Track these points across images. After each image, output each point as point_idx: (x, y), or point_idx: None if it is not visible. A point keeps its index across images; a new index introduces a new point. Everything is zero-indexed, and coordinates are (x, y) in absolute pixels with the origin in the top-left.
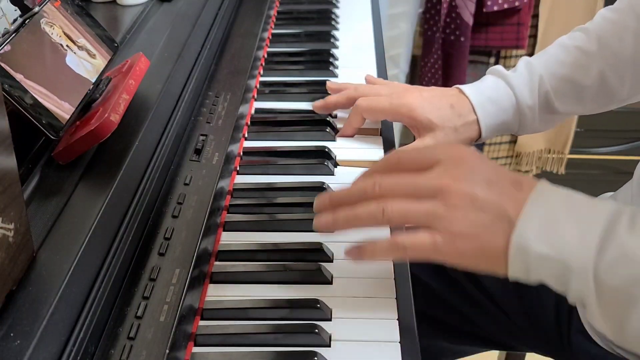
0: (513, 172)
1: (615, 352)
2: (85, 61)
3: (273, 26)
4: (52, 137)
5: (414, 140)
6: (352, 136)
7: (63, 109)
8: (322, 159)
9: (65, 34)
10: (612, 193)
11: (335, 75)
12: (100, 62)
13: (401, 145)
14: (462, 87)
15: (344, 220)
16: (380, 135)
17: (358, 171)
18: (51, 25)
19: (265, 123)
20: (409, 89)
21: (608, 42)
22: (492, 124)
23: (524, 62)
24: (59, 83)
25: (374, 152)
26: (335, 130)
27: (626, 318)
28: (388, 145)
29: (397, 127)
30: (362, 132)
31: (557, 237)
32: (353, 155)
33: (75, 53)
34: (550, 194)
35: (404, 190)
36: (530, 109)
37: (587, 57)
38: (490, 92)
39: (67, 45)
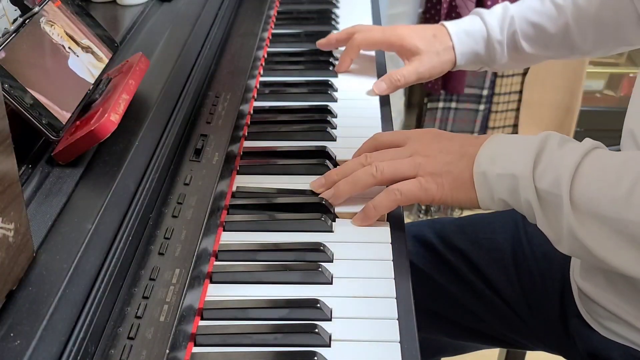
0: (462, 139)
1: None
2: (85, 60)
3: (273, 26)
4: (52, 137)
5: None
6: (347, 70)
7: (63, 109)
8: (322, 159)
9: (66, 33)
10: None
11: (335, 75)
12: (100, 62)
13: None
14: (444, 22)
15: (345, 186)
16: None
17: None
18: (51, 25)
19: (265, 123)
20: (396, 25)
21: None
22: (465, 52)
23: (502, 4)
24: (59, 83)
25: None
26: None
27: (559, 217)
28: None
29: (397, 128)
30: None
31: (505, 160)
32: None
33: (74, 52)
34: (501, 136)
35: (389, 157)
36: (499, 43)
37: (557, 9)
38: (466, 26)
39: (68, 46)
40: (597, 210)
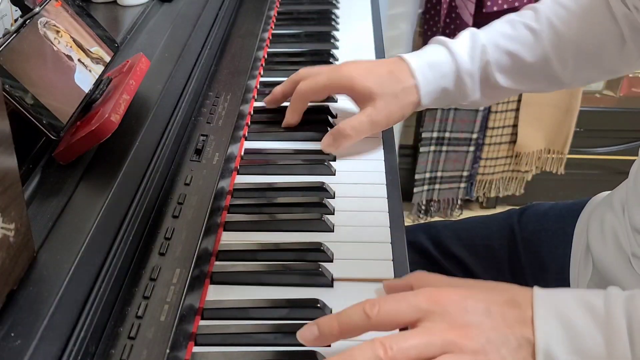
0: (497, 287)
1: None
2: (86, 61)
3: (273, 26)
4: (52, 137)
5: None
6: (296, 123)
7: (64, 109)
8: (322, 159)
9: (66, 33)
10: (608, 192)
11: None
12: (101, 63)
13: (400, 146)
14: (402, 55)
15: None
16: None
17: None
18: (52, 26)
19: (266, 123)
20: (346, 63)
21: (555, 23)
22: (431, 90)
23: (468, 31)
24: (59, 83)
25: (374, 153)
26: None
27: None
28: (388, 146)
29: (396, 128)
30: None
31: (583, 345)
32: (353, 156)
33: (75, 52)
34: (550, 299)
35: (409, 356)
36: (470, 75)
37: (533, 34)
38: (429, 58)
39: (69, 47)
40: None
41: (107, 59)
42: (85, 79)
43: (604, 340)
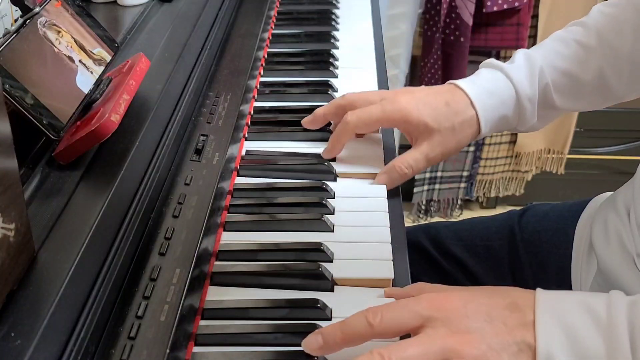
0: (498, 290)
1: None
2: (85, 61)
3: (273, 27)
4: (52, 137)
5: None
6: (338, 154)
7: (64, 109)
8: (322, 159)
9: (67, 33)
10: (610, 193)
11: (335, 76)
12: (101, 63)
13: (401, 146)
14: (457, 82)
15: None
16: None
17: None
18: (52, 26)
19: (266, 123)
20: (399, 92)
21: (607, 36)
22: (492, 118)
23: (522, 53)
24: (59, 83)
25: (374, 153)
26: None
27: None
28: (389, 146)
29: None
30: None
31: (584, 350)
32: (353, 156)
33: (75, 52)
34: (553, 303)
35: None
36: (530, 101)
37: (586, 51)
38: (488, 85)
39: (69, 47)
40: None
41: (108, 59)
42: (85, 79)
43: (605, 346)
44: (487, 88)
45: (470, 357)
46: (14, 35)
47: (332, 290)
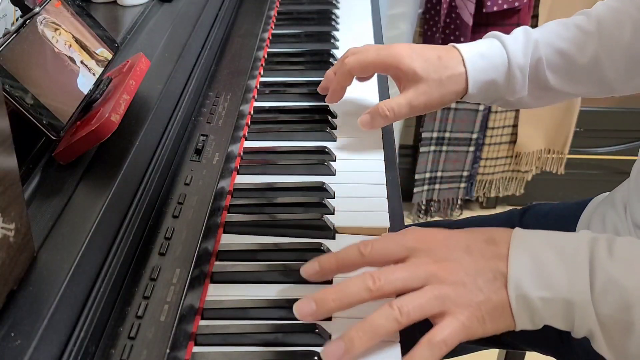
0: (478, 229)
1: None
2: (86, 61)
3: (273, 26)
4: (52, 138)
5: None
6: (339, 100)
7: (64, 109)
8: (322, 158)
9: (66, 33)
10: (607, 193)
11: None
12: (101, 63)
13: (401, 145)
14: (455, 44)
15: (362, 339)
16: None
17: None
18: (52, 26)
19: (266, 123)
20: (397, 43)
21: (607, 25)
22: (480, 80)
23: (522, 28)
24: (59, 83)
25: (374, 153)
26: (335, 130)
27: (626, 344)
28: (388, 145)
29: (397, 128)
30: (361, 136)
31: (549, 279)
32: (353, 156)
33: (75, 52)
34: (526, 239)
35: (400, 278)
36: (521, 70)
37: (584, 35)
38: (482, 49)
39: (69, 47)
40: None
41: (108, 59)
42: (85, 79)
43: (567, 274)
44: (481, 51)
45: (449, 282)
46: (14, 35)
47: None
